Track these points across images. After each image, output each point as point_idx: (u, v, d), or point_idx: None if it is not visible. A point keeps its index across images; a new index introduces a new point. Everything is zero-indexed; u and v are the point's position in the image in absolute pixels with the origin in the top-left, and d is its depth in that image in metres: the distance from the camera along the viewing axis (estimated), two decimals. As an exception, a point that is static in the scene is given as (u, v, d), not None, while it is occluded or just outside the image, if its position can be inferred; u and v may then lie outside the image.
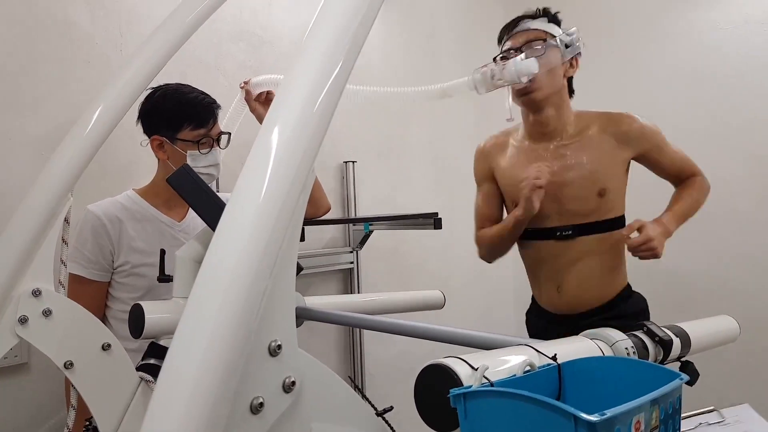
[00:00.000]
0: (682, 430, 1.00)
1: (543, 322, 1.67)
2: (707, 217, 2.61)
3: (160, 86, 1.47)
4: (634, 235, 1.40)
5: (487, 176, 1.71)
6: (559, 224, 1.56)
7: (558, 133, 1.56)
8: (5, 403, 1.51)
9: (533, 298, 1.73)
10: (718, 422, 1.02)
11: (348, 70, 0.63)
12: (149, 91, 1.45)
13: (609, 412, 0.47)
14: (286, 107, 0.60)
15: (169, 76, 1.45)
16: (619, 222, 1.57)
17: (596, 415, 0.46)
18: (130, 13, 1.80)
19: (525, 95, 1.48)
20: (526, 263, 1.69)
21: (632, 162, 1.60)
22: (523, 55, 1.39)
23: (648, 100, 2.76)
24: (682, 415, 1.01)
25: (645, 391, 0.54)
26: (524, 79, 1.32)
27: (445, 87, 1.26)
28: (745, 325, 1.15)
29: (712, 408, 1.10)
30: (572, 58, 1.53)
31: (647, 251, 1.38)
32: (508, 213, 1.68)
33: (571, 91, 1.60)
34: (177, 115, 1.44)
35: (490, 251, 1.69)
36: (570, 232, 1.55)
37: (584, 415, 0.45)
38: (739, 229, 2.52)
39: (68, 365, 0.94)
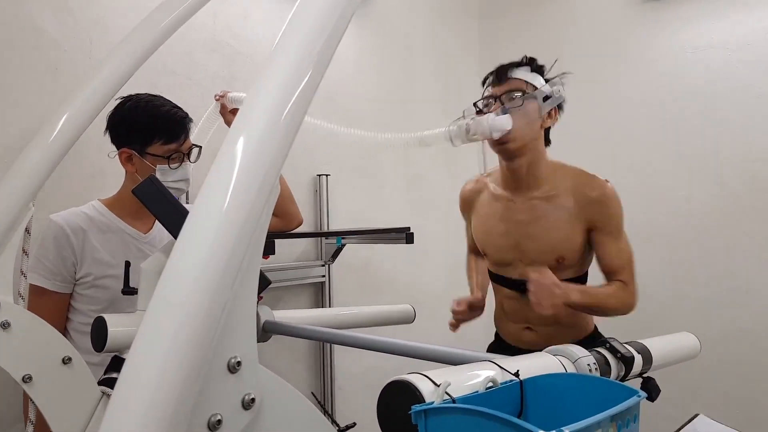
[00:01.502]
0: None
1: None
2: (672, 238, 2.69)
3: (131, 96, 1.43)
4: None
5: (468, 219, 1.78)
6: (522, 277, 1.53)
7: (529, 185, 1.54)
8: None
9: (497, 335, 1.73)
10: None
11: (316, 81, 0.63)
12: (119, 101, 1.42)
13: (567, 429, 0.47)
14: (252, 117, 0.59)
15: (139, 86, 1.43)
16: (581, 279, 1.57)
17: (554, 431, 0.46)
18: (101, 21, 1.77)
19: (500, 144, 1.48)
20: (495, 299, 1.72)
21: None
22: (496, 113, 1.41)
23: (613, 123, 2.84)
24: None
25: (605, 408, 0.54)
26: (496, 135, 1.36)
27: (423, 136, 1.31)
28: (706, 341, 1.18)
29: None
30: (551, 109, 1.51)
31: (547, 296, 1.34)
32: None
33: (547, 142, 1.58)
34: (148, 128, 1.41)
35: None
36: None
37: (541, 432, 0.46)
38: (701, 249, 2.59)
39: (27, 379, 0.92)
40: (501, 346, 1.70)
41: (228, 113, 1.61)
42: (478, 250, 1.80)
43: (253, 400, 0.53)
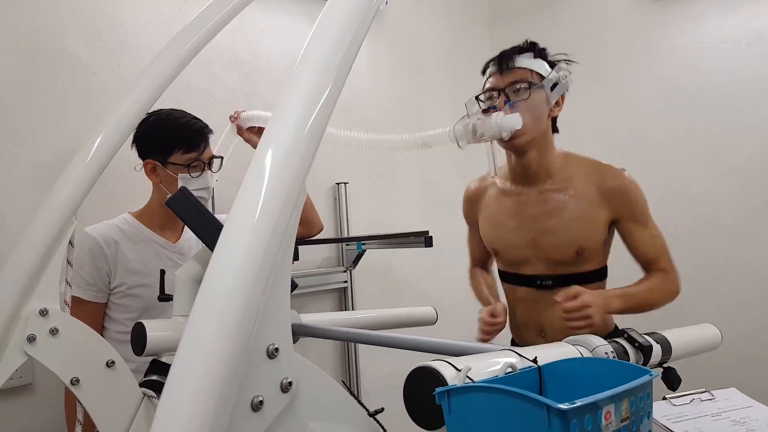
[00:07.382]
0: (678, 405, 1.05)
1: None
2: (692, 231, 2.69)
3: (154, 112, 1.51)
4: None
5: (473, 221, 1.71)
6: (538, 272, 1.52)
7: (541, 177, 1.49)
8: (11, 424, 1.53)
9: (512, 341, 1.69)
10: (709, 399, 1.12)
11: (336, 95, 0.68)
12: (144, 116, 1.50)
13: (579, 402, 0.51)
14: (278, 132, 0.64)
15: (163, 103, 1.50)
16: (600, 273, 1.52)
17: (567, 403, 0.50)
18: (127, 44, 1.86)
19: (509, 141, 1.39)
20: (508, 304, 1.64)
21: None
22: (504, 111, 1.32)
23: (631, 118, 2.85)
24: (677, 393, 1.06)
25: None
26: (506, 135, 1.27)
27: (426, 137, 1.23)
28: (728, 334, 1.19)
29: (703, 390, 1.20)
30: (559, 97, 1.44)
31: (580, 319, 1.27)
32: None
33: (555, 130, 1.52)
34: (169, 139, 1.49)
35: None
36: (550, 282, 1.50)
37: (556, 404, 0.50)
38: (722, 242, 2.58)
39: (74, 382, 0.97)
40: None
41: (245, 132, 1.67)
42: (482, 263, 1.77)
43: (290, 383, 0.58)
